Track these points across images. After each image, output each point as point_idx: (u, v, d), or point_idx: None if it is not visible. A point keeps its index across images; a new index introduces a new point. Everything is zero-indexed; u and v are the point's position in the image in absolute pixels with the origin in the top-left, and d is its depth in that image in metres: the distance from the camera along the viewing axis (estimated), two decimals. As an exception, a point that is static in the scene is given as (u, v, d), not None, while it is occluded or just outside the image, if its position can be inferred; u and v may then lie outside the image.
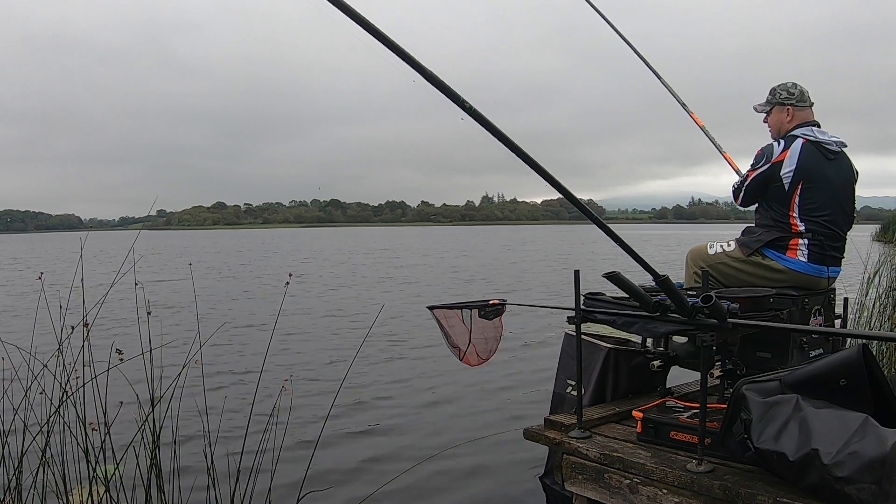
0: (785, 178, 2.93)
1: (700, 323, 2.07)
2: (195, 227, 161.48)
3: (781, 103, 3.08)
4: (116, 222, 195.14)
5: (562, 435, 2.48)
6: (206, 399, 2.75)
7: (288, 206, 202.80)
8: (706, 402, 2.09)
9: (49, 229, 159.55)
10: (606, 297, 2.51)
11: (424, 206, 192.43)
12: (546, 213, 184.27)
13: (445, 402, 5.21)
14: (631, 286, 2.13)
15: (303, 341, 7.85)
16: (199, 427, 2.75)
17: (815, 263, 2.91)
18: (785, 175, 2.93)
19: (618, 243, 1.99)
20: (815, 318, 2.87)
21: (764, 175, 2.99)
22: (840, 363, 1.90)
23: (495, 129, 1.68)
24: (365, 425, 4.60)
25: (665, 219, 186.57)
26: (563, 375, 3.09)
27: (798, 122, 3.04)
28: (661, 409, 2.63)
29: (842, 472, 1.65)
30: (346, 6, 1.42)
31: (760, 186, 3.03)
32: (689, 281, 3.17)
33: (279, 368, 5.94)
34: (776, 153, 2.96)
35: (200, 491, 2.74)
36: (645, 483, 2.16)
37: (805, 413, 1.80)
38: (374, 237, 58.71)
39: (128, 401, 2.64)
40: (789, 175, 2.92)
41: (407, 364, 6.54)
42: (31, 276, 13.24)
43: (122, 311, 6.10)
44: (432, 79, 1.57)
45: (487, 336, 2.85)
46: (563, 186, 1.85)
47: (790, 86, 3.08)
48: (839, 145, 3.00)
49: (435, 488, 3.51)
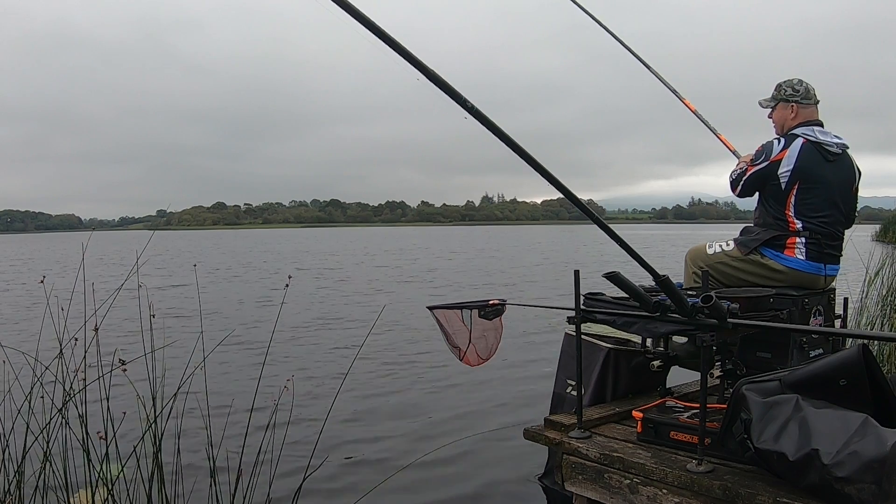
0: (782, 177, 2.95)
1: (700, 323, 2.07)
2: (195, 227, 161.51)
3: (786, 100, 3.09)
4: (116, 222, 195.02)
5: (562, 435, 2.48)
6: (208, 399, 2.75)
7: (288, 206, 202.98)
8: (706, 402, 2.09)
9: (49, 229, 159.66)
10: (606, 297, 2.52)
11: (424, 206, 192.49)
12: (546, 213, 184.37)
13: (445, 401, 5.21)
14: (631, 286, 2.13)
15: (317, 341, 7.86)
16: (200, 428, 2.75)
17: (812, 261, 2.92)
18: (782, 174, 2.95)
19: (618, 243, 1.99)
20: (815, 318, 2.87)
21: (762, 172, 3.01)
22: (840, 363, 1.91)
23: (497, 129, 1.68)
24: (363, 425, 4.60)
25: (665, 219, 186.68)
26: (563, 375, 3.10)
27: (802, 120, 3.04)
28: (661, 409, 2.63)
29: (842, 472, 1.65)
30: (349, 5, 1.42)
31: (758, 183, 3.05)
32: (689, 281, 3.18)
33: (281, 369, 5.94)
34: (775, 151, 2.98)
35: (201, 491, 2.74)
36: (645, 483, 2.16)
37: (805, 413, 1.80)
38: (385, 238, 58.46)
39: (130, 401, 2.64)
40: (786, 174, 2.94)
41: (407, 364, 6.54)
42: (35, 277, 13.26)
43: (124, 313, 6.11)
44: (435, 78, 1.57)
45: (487, 336, 2.85)
46: (564, 186, 1.85)
47: (796, 83, 3.08)
48: (840, 147, 3.00)
49: (434, 488, 3.51)
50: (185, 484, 2.65)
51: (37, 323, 2.80)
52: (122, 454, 2.50)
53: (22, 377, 2.70)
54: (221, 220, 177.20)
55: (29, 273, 19.93)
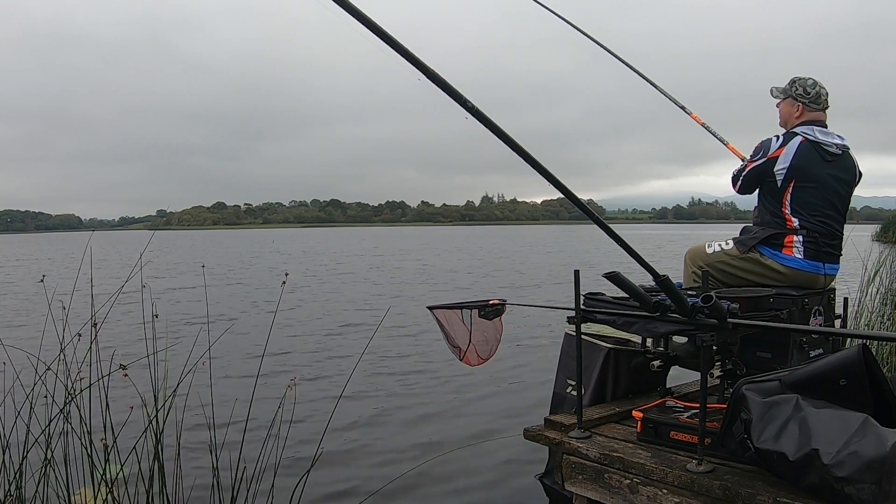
0: (778, 174, 2.97)
1: (700, 323, 2.07)
2: (195, 227, 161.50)
3: (794, 98, 3.08)
4: (116, 222, 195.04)
5: (562, 435, 2.48)
6: (212, 400, 2.75)
7: (288, 206, 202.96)
8: (706, 402, 2.09)
9: (49, 229, 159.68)
10: (606, 297, 2.52)
11: (424, 206, 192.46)
12: (546, 212, 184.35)
13: (445, 401, 5.21)
14: (631, 286, 2.13)
15: (329, 342, 7.85)
16: (202, 427, 2.75)
17: (811, 260, 2.93)
18: (778, 171, 2.97)
19: (618, 243, 1.99)
20: (815, 318, 2.87)
21: (759, 168, 3.03)
22: (840, 363, 1.91)
23: (498, 129, 1.68)
24: (365, 425, 4.60)
25: (665, 219, 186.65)
26: (563, 375, 3.10)
27: (805, 120, 3.04)
28: (661, 409, 2.63)
29: (842, 472, 1.65)
30: (350, 6, 1.42)
31: (756, 179, 3.07)
32: (689, 281, 3.18)
33: (283, 369, 5.95)
34: (773, 148, 3.00)
35: (203, 491, 2.74)
36: (645, 483, 2.17)
37: (805, 413, 1.80)
38: (390, 238, 58.33)
39: (132, 402, 2.64)
40: (782, 172, 2.96)
41: (407, 363, 6.55)
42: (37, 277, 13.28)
43: (126, 314, 6.11)
44: (436, 78, 1.57)
45: (488, 336, 2.85)
46: (564, 186, 1.85)
47: (809, 84, 3.06)
48: (841, 148, 3.00)
49: (435, 488, 3.52)
50: (186, 483, 2.64)
51: (39, 323, 2.81)
52: (123, 454, 2.50)
53: (23, 377, 2.70)
54: (221, 220, 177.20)
55: (36, 272, 19.92)
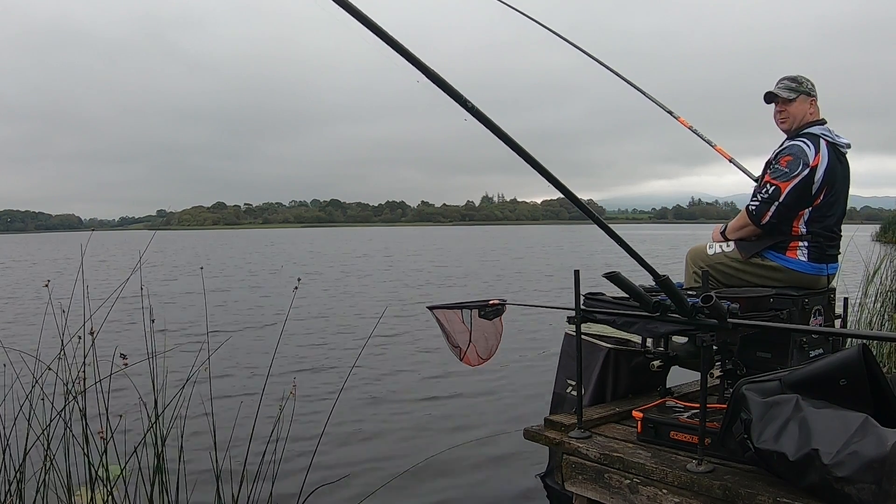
0: (815, 183, 2.83)
1: (700, 323, 2.07)
2: (195, 227, 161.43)
3: (808, 93, 2.99)
4: (116, 222, 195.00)
5: (562, 435, 2.48)
6: (212, 400, 2.75)
7: (288, 206, 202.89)
8: (706, 402, 2.09)
9: (49, 229, 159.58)
10: (606, 297, 2.52)
11: (424, 206, 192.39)
12: (546, 212, 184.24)
13: (446, 401, 5.21)
14: (631, 286, 2.13)
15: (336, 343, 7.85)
16: (203, 428, 2.75)
17: (815, 262, 2.91)
18: (816, 181, 2.83)
19: (618, 243, 1.99)
20: (815, 318, 2.87)
21: (801, 183, 2.81)
22: (840, 363, 1.91)
23: (498, 129, 1.68)
24: (366, 425, 4.60)
25: (665, 219, 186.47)
26: (564, 375, 3.10)
27: (815, 118, 2.99)
28: (661, 409, 2.63)
29: (842, 472, 1.65)
30: (351, 6, 1.42)
31: (801, 198, 2.84)
32: (689, 281, 3.18)
33: (285, 370, 5.95)
34: (811, 157, 2.82)
35: (202, 491, 2.74)
36: (645, 483, 2.17)
37: (805, 413, 1.81)
38: (392, 238, 58.23)
39: (133, 402, 2.64)
40: (819, 182, 2.83)
41: (407, 364, 6.55)
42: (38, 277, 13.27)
43: (127, 315, 6.10)
44: (436, 79, 1.57)
45: (488, 336, 2.85)
46: (564, 186, 1.85)
47: (807, 79, 3.01)
48: (845, 147, 3.00)
49: (435, 488, 3.52)
50: (187, 483, 2.64)
51: (38, 324, 2.80)
52: (124, 454, 2.50)
53: (23, 377, 2.70)
54: (221, 220, 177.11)
55: (36, 272, 19.92)
